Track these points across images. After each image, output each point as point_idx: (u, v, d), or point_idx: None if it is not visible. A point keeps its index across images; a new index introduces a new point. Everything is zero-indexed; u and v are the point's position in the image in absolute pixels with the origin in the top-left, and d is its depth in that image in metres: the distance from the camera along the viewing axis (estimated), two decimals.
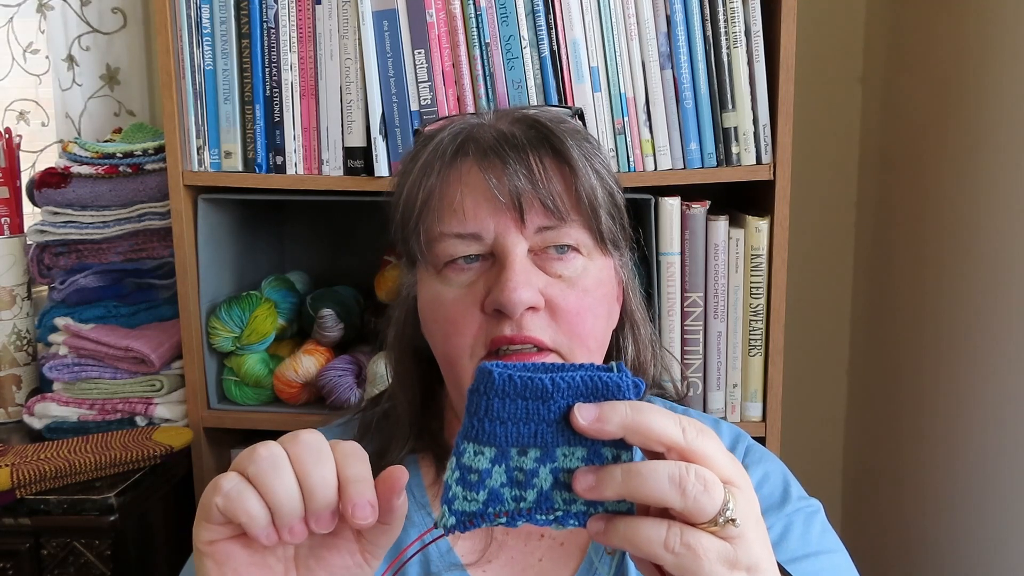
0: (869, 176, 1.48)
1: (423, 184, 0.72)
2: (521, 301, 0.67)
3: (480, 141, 0.72)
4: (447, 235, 0.70)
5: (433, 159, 0.73)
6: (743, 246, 1.10)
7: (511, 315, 0.67)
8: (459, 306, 0.70)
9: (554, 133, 0.72)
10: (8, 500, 1.04)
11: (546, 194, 0.69)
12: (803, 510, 0.76)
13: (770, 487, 0.77)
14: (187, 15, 1.12)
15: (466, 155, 0.72)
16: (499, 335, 0.68)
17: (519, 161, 0.70)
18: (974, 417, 1.13)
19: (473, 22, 1.07)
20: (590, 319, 0.71)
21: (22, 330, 1.31)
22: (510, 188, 0.69)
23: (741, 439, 0.82)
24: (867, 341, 1.50)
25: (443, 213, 0.71)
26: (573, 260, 0.71)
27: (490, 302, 0.68)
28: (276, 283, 1.27)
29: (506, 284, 0.67)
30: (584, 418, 0.46)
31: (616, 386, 0.48)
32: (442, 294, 0.71)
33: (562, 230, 0.71)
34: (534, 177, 0.69)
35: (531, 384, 0.47)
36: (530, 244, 0.70)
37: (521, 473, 0.48)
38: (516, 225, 0.69)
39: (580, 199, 0.71)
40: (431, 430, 0.79)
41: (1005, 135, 1.05)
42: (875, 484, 1.47)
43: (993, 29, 1.08)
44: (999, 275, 1.06)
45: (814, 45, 1.38)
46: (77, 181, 1.26)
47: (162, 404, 1.22)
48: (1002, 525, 1.06)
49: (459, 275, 0.71)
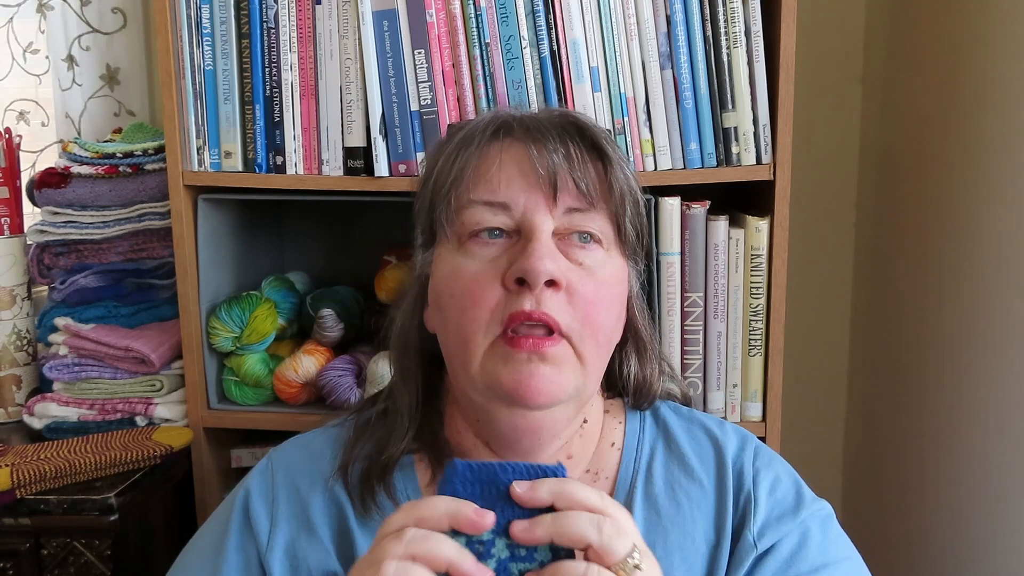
0: (869, 176, 1.48)
1: (460, 155, 0.74)
2: (546, 270, 0.67)
3: (523, 122, 0.75)
4: (476, 202, 0.71)
5: (472, 135, 0.75)
6: (743, 246, 1.10)
7: (533, 284, 0.68)
8: (480, 279, 0.70)
9: (589, 127, 0.75)
10: (8, 500, 1.04)
11: (581, 176, 0.71)
12: (817, 515, 0.76)
13: (783, 491, 0.77)
14: (187, 15, 1.12)
15: (508, 132, 0.74)
16: (518, 309, 0.68)
17: (561, 144, 0.72)
18: (974, 417, 1.13)
19: (473, 22, 1.07)
20: (603, 311, 0.72)
21: (22, 330, 1.31)
22: (548, 163, 0.71)
23: (748, 441, 0.81)
24: (867, 341, 1.50)
25: (476, 182, 0.72)
26: (594, 251, 0.72)
27: (513, 272, 0.69)
28: (276, 283, 1.27)
29: (532, 253, 0.68)
30: (520, 488, 0.56)
31: (553, 471, 0.58)
32: (463, 267, 0.71)
33: (589, 215, 0.72)
34: (572, 159, 0.72)
35: (485, 468, 0.57)
36: (556, 225, 0.71)
37: (481, 545, 0.56)
38: (547, 202, 0.71)
39: (612, 189, 0.73)
40: (431, 427, 0.79)
41: (1005, 135, 1.05)
42: (875, 484, 1.47)
43: (993, 29, 1.08)
44: (999, 275, 1.06)
45: (814, 45, 1.38)
46: (77, 181, 1.26)
47: (162, 404, 1.22)
48: (1003, 525, 1.06)
49: (483, 249, 0.71)
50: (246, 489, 0.79)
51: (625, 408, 0.83)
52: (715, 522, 0.76)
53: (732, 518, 0.75)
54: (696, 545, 0.75)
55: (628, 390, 0.82)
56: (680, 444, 0.80)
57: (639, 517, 0.75)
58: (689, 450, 0.79)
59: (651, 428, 0.82)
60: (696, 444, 0.80)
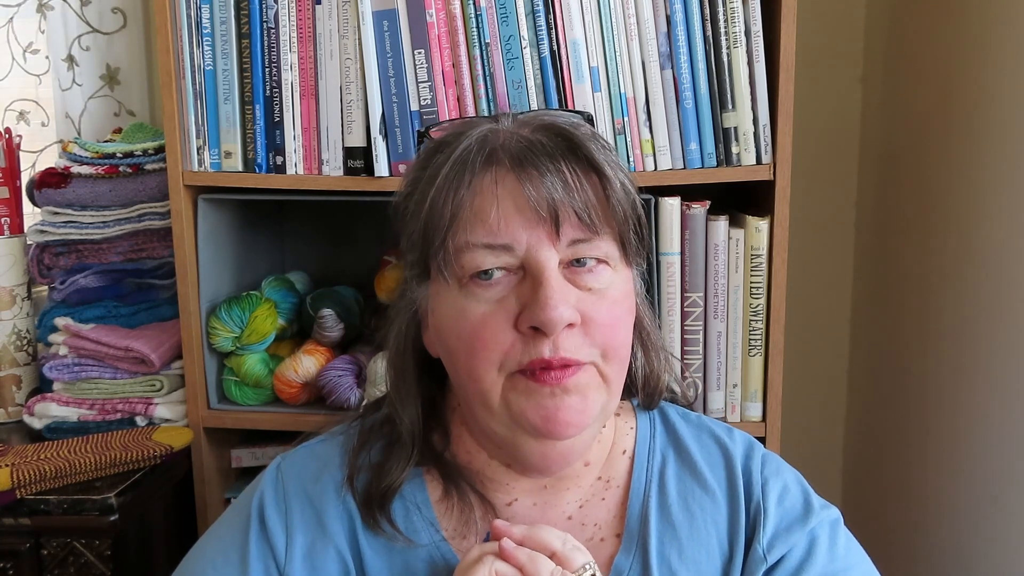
0: (869, 176, 1.48)
1: (451, 196, 0.68)
2: (562, 319, 0.65)
3: (510, 149, 0.69)
4: (475, 245, 0.67)
5: (462, 169, 0.69)
6: (743, 246, 1.10)
7: (550, 334, 0.66)
8: (491, 323, 0.67)
9: (581, 141, 0.70)
10: (8, 500, 1.04)
11: (581, 206, 0.67)
12: (825, 521, 0.75)
13: (791, 499, 0.76)
14: (187, 15, 1.12)
15: (499, 163, 0.69)
16: (537, 357, 0.66)
17: (555, 171, 0.67)
18: (974, 417, 1.13)
19: (473, 22, 1.07)
20: (622, 331, 0.70)
21: (22, 330, 1.31)
22: (548, 199, 0.66)
23: (755, 448, 0.80)
24: (867, 341, 1.50)
25: (473, 223, 0.67)
26: (601, 272, 0.70)
27: (526, 319, 0.66)
28: (276, 283, 1.27)
29: (547, 303, 0.65)
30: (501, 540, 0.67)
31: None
32: (469, 309, 0.68)
33: (594, 243, 0.69)
34: (570, 188, 0.67)
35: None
36: (561, 256, 0.68)
37: None
38: (550, 238, 0.67)
39: (614, 209, 0.69)
40: (433, 444, 0.77)
41: (1005, 135, 1.05)
42: (875, 484, 1.47)
43: (993, 29, 1.08)
44: (999, 275, 1.06)
45: (814, 45, 1.38)
46: (77, 181, 1.26)
47: (162, 404, 1.22)
48: (1003, 525, 1.06)
49: (487, 290, 0.68)
50: (260, 501, 0.77)
51: (635, 411, 0.83)
52: (728, 533, 0.75)
53: (744, 529, 0.75)
54: (711, 557, 0.74)
55: (636, 386, 0.81)
56: (691, 452, 0.79)
57: (654, 528, 0.74)
58: (700, 459, 0.79)
59: (661, 434, 0.81)
60: (706, 452, 0.79)
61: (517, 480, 0.75)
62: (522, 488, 0.75)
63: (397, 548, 0.74)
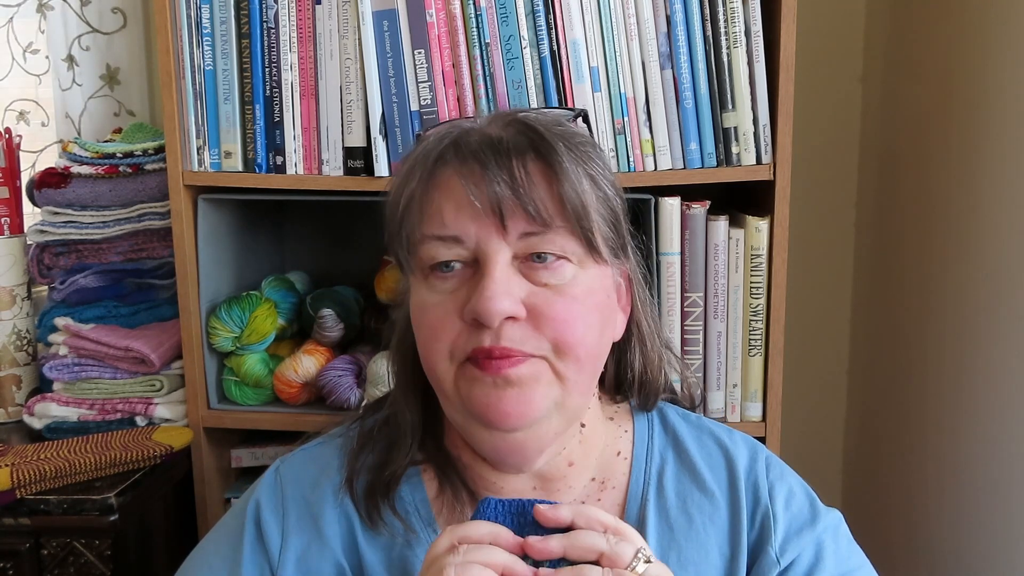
0: (869, 176, 1.48)
1: (405, 189, 0.72)
2: (498, 311, 0.66)
3: (462, 147, 0.70)
4: (428, 237, 0.69)
5: (416, 165, 0.72)
6: (743, 246, 1.10)
7: (488, 325, 0.66)
8: (439, 312, 0.69)
9: (543, 137, 0.69)
10: (8, 500, 1.04)
11: (528, 200, 0.67)
12: (830, 525, 0.76)
13: (798, 504, 0.77)
14: (187, 15, 1.12)
15: (446, 162, 0.70)
16: (478, 346, 0.67)
17: (500, 166, 0.68)
18: (974, 417, 1.13)
19: (473, 22, 1.07)
20: (580, 327, 0.69)
21: (22, 330, 1.31)
22: (489, 194, 0.67)
23: (759, 452, 0.80)
24: (867, 341, 1.50)
25: (424, 216, 0.70)
26: (561, 268, 0.69)
27: (468, 311, 0.67)
28: (276, 283, 1.27)
29: (482, 293, 0.66)
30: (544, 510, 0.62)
31: None
32: (427, 300, 0.70)
33: (546, 236, 0.68)
34: (516, 183, 0.67)
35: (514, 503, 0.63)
36: (514, 250, 0.68)
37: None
38: (498, 231, 0.68)
39: (565, 205, 0.68)
40: (434, 438, 0.78)
41: (1005, 135, 1.05)
42: (875, 484, 1.47)
43: (993, 29, 1.08)
44: (999, 275, 1.06)
45: (814, 45, 1.38)
46: (77, 181, 1.26)
47: (162, 404, 1.22)
48: (1003, 525, 1.06)
49: (444, 282, 0.70)
50: (256, 503, 0.78)
51: (632, 413, 0.82)
52: (730, 536, 0.75)
53: (748, 533, 0.75)
54: (711, 559, 0.74)
55: (633, 387, 0.81)
56: (691, 454, 0.79)
57: (652, 531, 0.75)
58: (700, 461, 0.79)
59: (660, 436, 0.81)
60: (707, 454, 0.79)
61: (504, 478, 0.75)
62: (512, 488, 0.75)
63: (396, 548, 0.74)
